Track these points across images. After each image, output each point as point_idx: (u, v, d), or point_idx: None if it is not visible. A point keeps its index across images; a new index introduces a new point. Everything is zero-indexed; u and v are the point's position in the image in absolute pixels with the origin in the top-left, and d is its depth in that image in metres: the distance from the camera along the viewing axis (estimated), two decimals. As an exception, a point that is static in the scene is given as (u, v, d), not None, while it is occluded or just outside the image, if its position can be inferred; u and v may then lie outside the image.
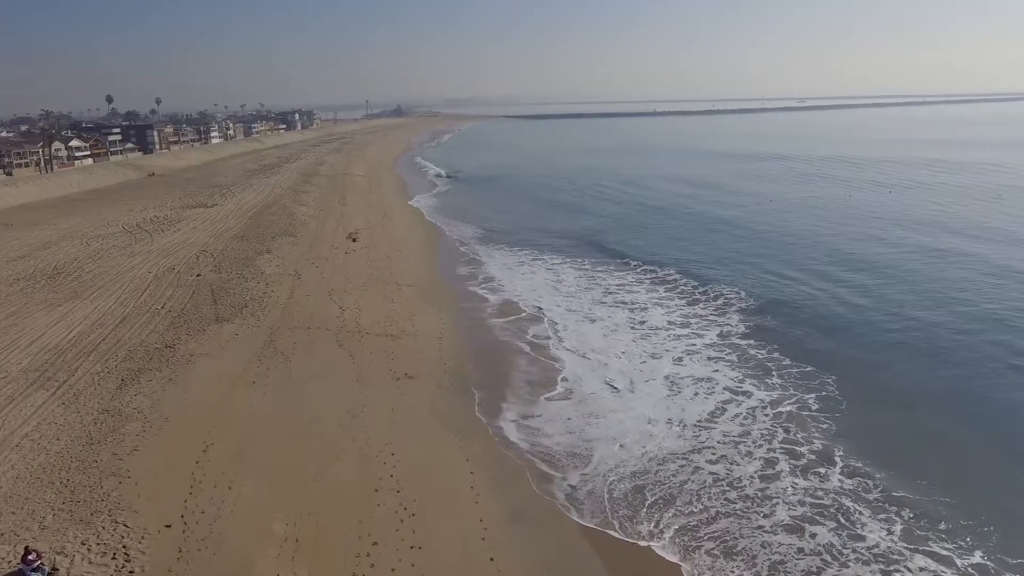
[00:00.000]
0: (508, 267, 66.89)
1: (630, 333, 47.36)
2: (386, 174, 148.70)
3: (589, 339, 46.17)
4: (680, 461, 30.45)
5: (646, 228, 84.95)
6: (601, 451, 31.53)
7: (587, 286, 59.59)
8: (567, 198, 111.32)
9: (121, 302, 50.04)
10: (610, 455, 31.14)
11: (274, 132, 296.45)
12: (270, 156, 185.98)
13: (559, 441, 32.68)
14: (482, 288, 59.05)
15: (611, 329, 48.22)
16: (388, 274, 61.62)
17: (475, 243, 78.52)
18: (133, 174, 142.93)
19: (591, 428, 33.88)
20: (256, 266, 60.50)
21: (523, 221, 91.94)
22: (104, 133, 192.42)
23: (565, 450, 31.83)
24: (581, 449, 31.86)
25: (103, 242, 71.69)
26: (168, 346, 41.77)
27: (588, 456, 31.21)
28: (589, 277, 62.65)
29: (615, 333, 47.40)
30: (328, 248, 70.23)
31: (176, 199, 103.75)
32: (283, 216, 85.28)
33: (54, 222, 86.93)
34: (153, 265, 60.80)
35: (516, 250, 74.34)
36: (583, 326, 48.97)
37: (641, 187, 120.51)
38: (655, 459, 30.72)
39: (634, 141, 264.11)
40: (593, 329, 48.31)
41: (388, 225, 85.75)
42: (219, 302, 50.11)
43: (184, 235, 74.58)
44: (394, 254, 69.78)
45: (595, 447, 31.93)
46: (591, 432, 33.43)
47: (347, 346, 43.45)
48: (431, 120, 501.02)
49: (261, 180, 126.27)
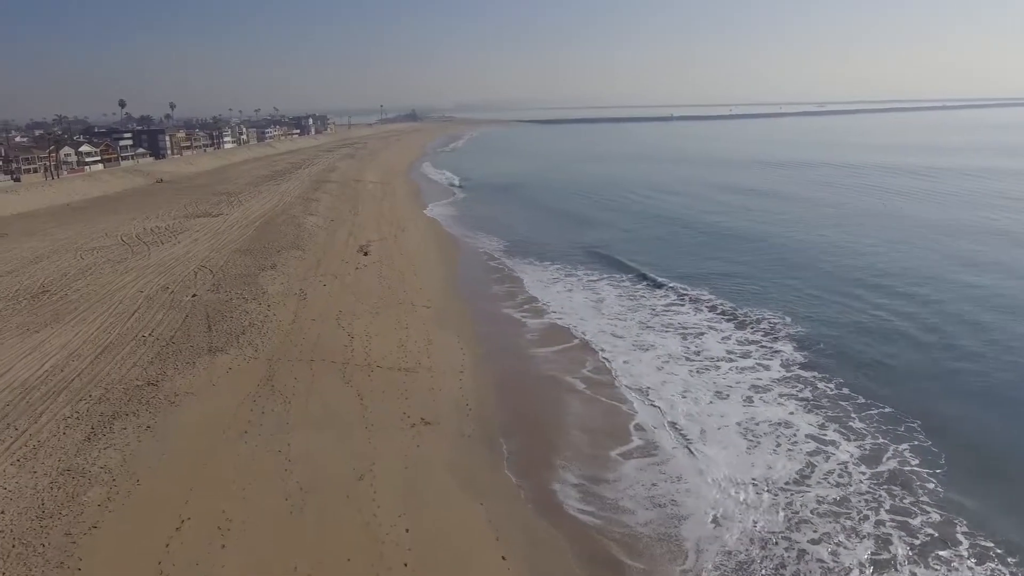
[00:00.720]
0: (543, 283, 61.52)
1: (686, 365, 41.96)
2: (399, 181, 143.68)
3: (646, 373, 40.75)
4: (782, 543, 24.80)
5: (677, 242, 78.94)
6: (694, 532, 25.78)
7: (630, 306, 54.04)
8: (592, 208, 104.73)
9: (105, 327, 44.93)
10: (706, 537, 25.41)
11: (287, 137, 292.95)
12: (282, 162, 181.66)
13: (643, 518, 26.67)
14: (516, 309, 53.71)
15: (665, 359, 42.86)
16: (402, 293, 56.27)
17: (501, 256, 73.32)
18: (141, 180, 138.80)
19: (676, 495, 28.13)
20: (258, 284, 55.32)
21: (548, 233, 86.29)
22: (115, 138, 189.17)
23: (653, 531, 25.95)
24: (671, 529, 26.03)
25: (97, 255, 66.85)
26: (151, 383, 36.53)
27: (681, 541, 25.35)
28: (630, 296, 56.99)
29: (671, 365, 42.03)
30: (337, 263, 65.00)
31: (181, 207, 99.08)
32: (291, 227, 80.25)
33: (51, 232, 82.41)
34: (146, 283, 55.74)
35: (546, 264, 68.86)
36: (636, 356, 43.53)
37: (667, 198, 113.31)
38: (756, 540, 25.08)
39: (652, 147, 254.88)
40: (647, 360, 42.86)
41: (402, 236, 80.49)
42: (214, 328, 44.88)
43: (184, 248, 69.61)
44: (408, 269, 64.44)
45: (686, 526, 26.19)
46: (679, 502, 27.64)
47: (355, 383, 38.06)
48: (445, 125, 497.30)
49: (271, 187, 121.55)
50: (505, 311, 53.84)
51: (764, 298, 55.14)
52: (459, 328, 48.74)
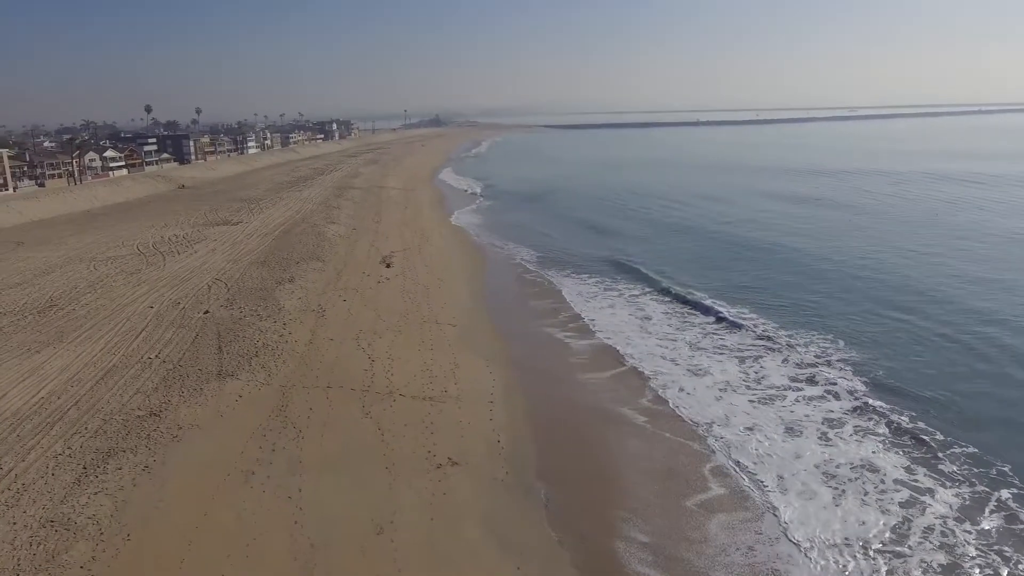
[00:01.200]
0: (581, 298, 57.98)
1: (747, 393, 38.20)
2: (423, 188, 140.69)
3: (706, 403, 37.08)
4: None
5: (716, 255, 74.20)
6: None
7: (678, 325, 50.25)
8: (624, 218, 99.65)
9: (111, 348, 41.97)
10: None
11: (311, 142, 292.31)
12: (304, 168, 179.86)
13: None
14: (552, 327, 50.24)
15: (723, 387, 39.17)
16: (426, 309, 52.85)
17: (531, 268, 69.86)
18: (163, 186, 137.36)
19: (778, 564, 23.98)
20: (275, 299, 52.20)
21: (579, 243, 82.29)
22: (140, 143, 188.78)
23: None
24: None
25: (110, 266, 64.33)
26: (153, 414, 33.36)
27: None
28: (676, 314, 52.99)
29: (731, 394, 38.28)
30: (358, 275, 61.80)
31: (200, 215, 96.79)
32: (311, 236, 77.33)
33: (67, 240, 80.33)
34: (158, 297, 52.90)
35: (583, 277, 65.10)
36: (692, 383, 39.86)
37: (703, 208, 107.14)
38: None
39: (682, 154, 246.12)
40: (705, 388, 39.16)
41: (426, 247, 77.18)
42: (225, 349, 41.71)
43: (200, 258, 66.88)
44: (433, 283, 61.05)
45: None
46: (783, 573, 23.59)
47: (375, 413, 34.62)
48: (469, 130, 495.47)
49: (292, 194, 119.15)
50: (540, 329, 50.21)
51: (812, 318, 50.93)
52: (488, 349, 45.17)
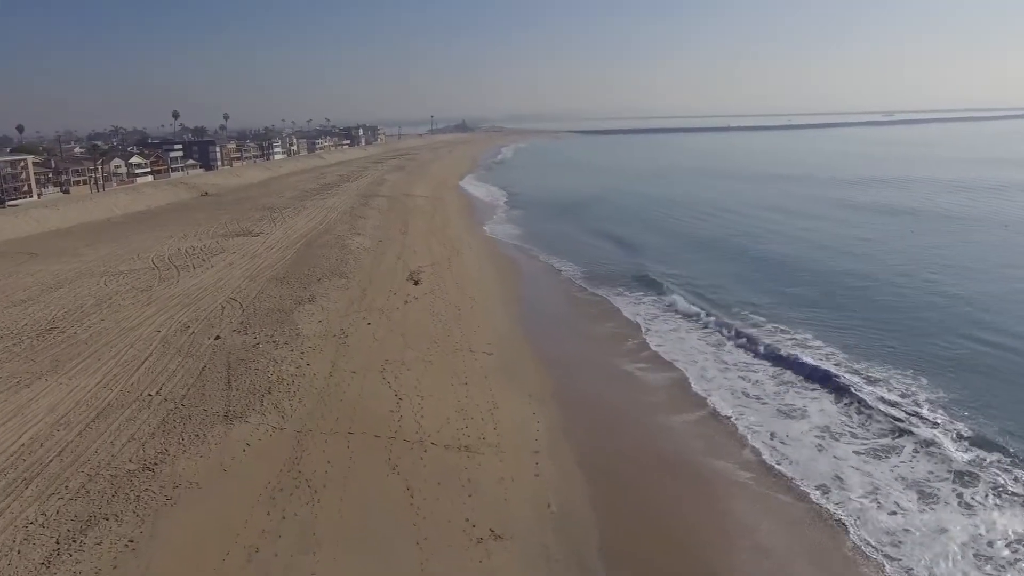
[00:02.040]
0: (641, 318, 53.00)
1: (852, 443, 33.13)
2: (452, 196, 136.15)
3: (811, 457, 31.99)
4: None
5: (776, 273, 65.46)
6: None
7: (756, 353, 45.10)
8: (677, 233, 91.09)
9: (108, 381, 37.57)
10: None
11: (337, 148, 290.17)
12: (330, 174, 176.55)
13: None
14: (605, 354, 45.21)
15: (822, 433, 34.13)
16: (459, 334, 47.92)
17: (573, 284, 65.04)
18: (185, 193, 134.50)
19: None
20: (292, 323, 47.60)
21: (620, 257, 76.45)
22: (166, 149, 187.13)
23: None
24: None
25: (122, 282, 60.35)
26: (147, 467, 28.72)
27: None
28: (753, 341, 47.07)
29: (833, 442, 33.21)
30: (384, 294, 57.07)
31: (221, 224, 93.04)
32: (335, 249, 72.90)
33: (82, 252, 76.84)
34: (167, 319, 48.58)
35: (638, 296, 59.87)
36: (786, 427, 34.89)
37: (754, 221, 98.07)
38: None
39: (716, 161, 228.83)
40: (802, 434, 34.13)
41: (457, 261, 72.35)
42: (235, 383, 37.08)
43: (216, 273, 62.66)
44: (465, 303, 56.15)
45: None
46: None
47: (403, 468, 29.67)
48: (495, 135, 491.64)
49: (316, 202, 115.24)
50: (592, 357, 45.21)
51: (886, 349, 45.21)
52: (530, 383, 40.16)
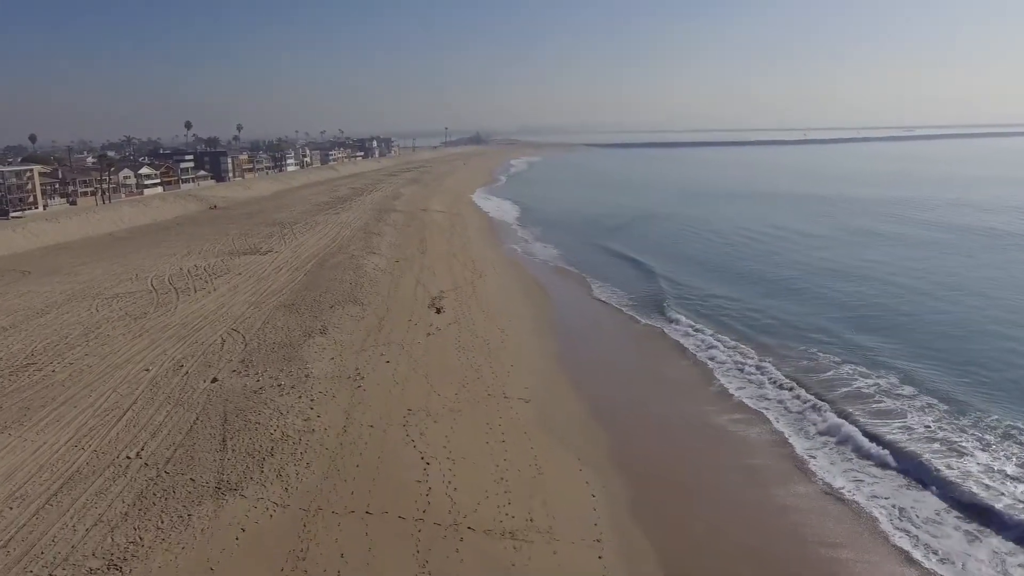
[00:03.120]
0: (702, 352, 46.84)
1: (992, 536, 26.84)
2: (469, 211, 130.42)
3: (958, 546, 26.12)
4: None
5: (850, 311, 58.61)
6: None
7: (852, 404, 38.64)
8: (711, 258, 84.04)
9: (82, 436, 31.73)
10: None
11: (350, 160, 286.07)
12: (343, 187, 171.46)
13: None
14: (673, 401, 39.07)
15: (965, 517, 27.98)
16: (490, 375, 41.90)
17: (621, 307, 59.26)
18: (194, 206, 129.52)
19: None
20: (301, 360, 41.69)
21: (670, 281, 69.73)
22: (177, 160, 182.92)
23: None
24: None
25: (115, 307, 54.76)
26: (113, 565, 22.76)
27: None
28: (844, 388, 40.63)
29: (986, 535, 26.93)
30: (404, 324, 51.16)
31: (228, 240, 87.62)
32: (349, 271, 67.14)
33: (77, 271, 71.46)
34: (159, 354, 42.79)
35: (690, 328, 53.39)
36: (911, 500, 29.15)
37: (808, 249, 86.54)
38: None
39: (743, 179, 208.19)
40: (936, 513, 28.34)
41: (480, 284, 66.42)
42: (231, 442, 31.15)
43: (219, 298, 56.97)
44: (494, 335, 50.15)
45: None
46: None
47: (434, 565, 23.63)
48: (509, 148, 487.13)
49: (329, 217, 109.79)
50: (650, 405, 39.02)
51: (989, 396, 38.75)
52: (579, 439, 34.14)
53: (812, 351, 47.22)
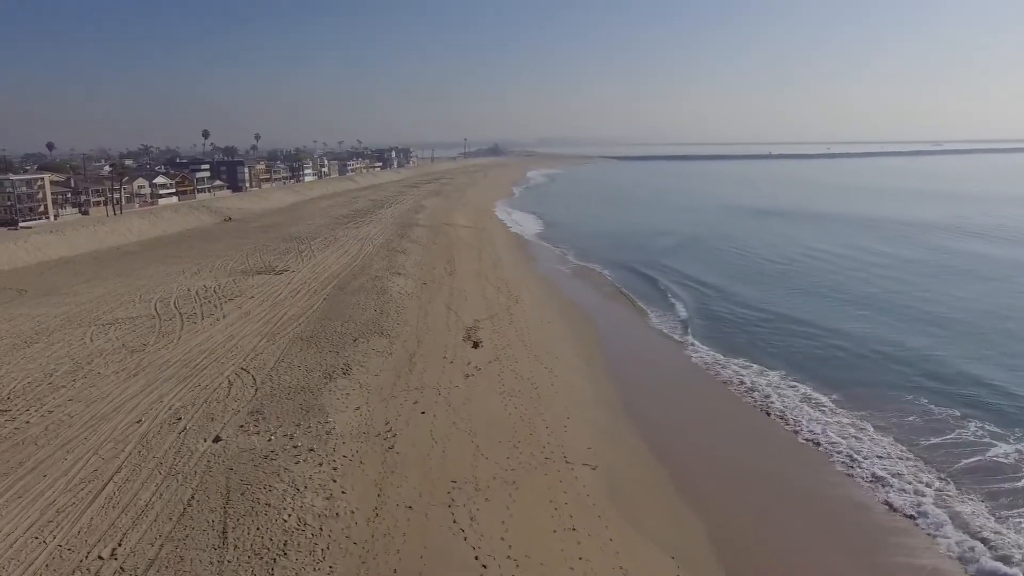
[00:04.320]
0: (800, 407, 39.77)
1: None
2: (496, 226, 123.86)
3: None
4: None
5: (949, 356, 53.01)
6: None
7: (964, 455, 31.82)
8: (785, 281, 76.58)
9: (49, 519, 25.17)
10: None
11: (369, 171, 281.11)
12: (362, 199, 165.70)
13: None
14: (781, 468, 32.24)
15: None
16: (544, 430, 35.11)
17: (682, 338, 52.12)
18: (207, 218, 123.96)
19: None
20: (321, 410, 35.07)
21: (747, 316, 61.95)
22: (193, 169, 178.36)
23: None
24: None
25: (113, 335, 48.50)
26: None
27: None
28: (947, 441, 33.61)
29: None
30: (438, 361, 44.48)
31: (241, 257, 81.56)
32: (372, 295, 60.65)
33: (78, 289, 65.51)
34: (154, 401, 36.33)
35: (787, 374, 45.88)
36: None
37: (876, 280, 75.54)
38: None
39: (777, 196, 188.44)
40: None
41: (517, 310, 59.71)
42: (232, 535, 24.40)
43: (228, 327, 50.59)
44: (541, 376, 43.38)
45: None
46: None
47: None
48: (528, 160, 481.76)
49: (349, 232, 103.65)
50: (752, 471, 32.08)
51: None
52: (666, 525, 27.18)
53: (937, 408, 40.09)
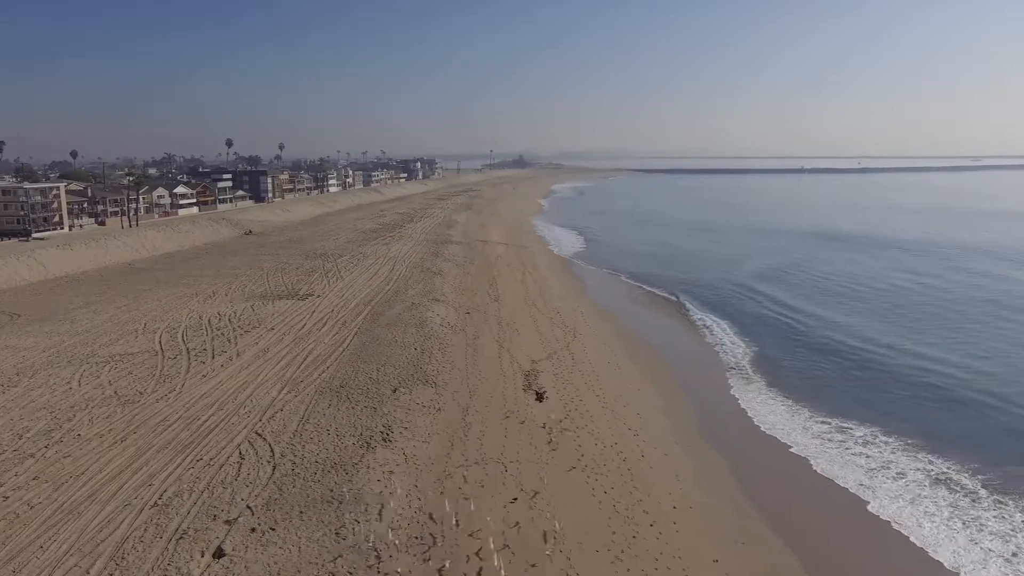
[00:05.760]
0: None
1: None
2: (534, 244, 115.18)
3: None
4: None
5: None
6: None
7: None
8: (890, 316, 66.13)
9: None
10: None
11: (394, 182, 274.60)
12: (389, 212, 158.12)
13: None
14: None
15: None
16: (650, 534, 26.33)
17: (782, 394, 42.32)
18: (227, 231, 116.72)
19: None
20: (358, 501, 26.46)
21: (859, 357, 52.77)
22: (215, 179, 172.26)
23: None
24: None
25: (105, 379, 40.44)
26: None
27: None
28: None
29: None
30: (498, 423, 35.82)
31: (261, 277, 73.68)
32: (410, 328, 52.23)
33: (76, 315, 57.82)
34: (141, 484, 27.96)
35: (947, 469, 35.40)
36: None
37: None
38: None
39: (828, 219, 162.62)
40: None
41: (578, 349, 50.96)
42: None
43: (242, 371, 42.32)
44: (627, 443, 34.58)
45: None
46: None
47: None
48: (555, 172, 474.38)
49: (379, 248, 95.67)
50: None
51: None
52: None
53: None
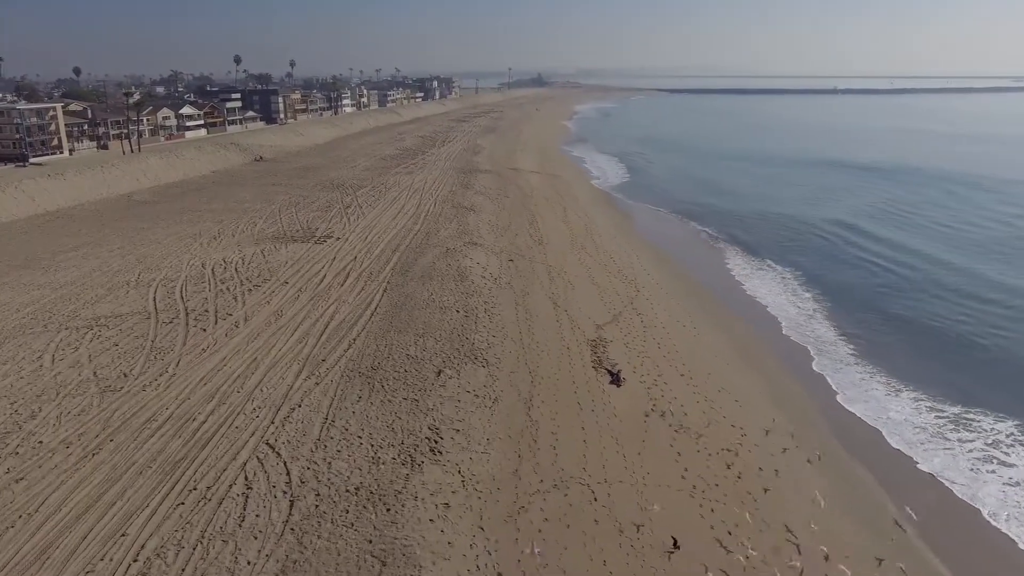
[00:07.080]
0: None
1: None
2: (569, 173, 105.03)
3: None
4: None
5: None
6: None
7: None
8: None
9: None
10: None
11: (411, 102, 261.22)
12: (409, 135, 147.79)
13: None
14: None
15: None
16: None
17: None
18: (236, 157, 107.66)
19: None
20: (407, 559, 19.25)
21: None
22: (223, 99, 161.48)
23: None
24: None
25: (84, 353, 33.11)
26: None
27: None
28: None
29: None
30: (573, 422, 28.30)
31: (274, 213, 65.55)
32: (448, 283, 44.28)
33: (60, 263, 50.27)
34: (110, 539, 20.85)
35: None
36: None
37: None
38: None
39: (895, 145, 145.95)
40: None
41: (645, 307, 42.89)
42: None
43: (250, 344, 34.79)
44: (736, 444, 27.00)
45: None
46: None
47: None
48: (575, 92, 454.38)
49: (401, 178, 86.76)
50: None
51: None
52: None
53: None
